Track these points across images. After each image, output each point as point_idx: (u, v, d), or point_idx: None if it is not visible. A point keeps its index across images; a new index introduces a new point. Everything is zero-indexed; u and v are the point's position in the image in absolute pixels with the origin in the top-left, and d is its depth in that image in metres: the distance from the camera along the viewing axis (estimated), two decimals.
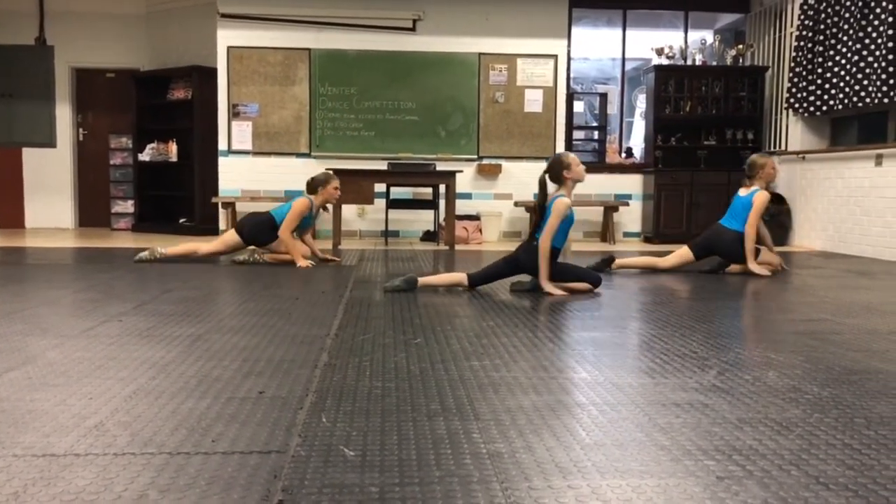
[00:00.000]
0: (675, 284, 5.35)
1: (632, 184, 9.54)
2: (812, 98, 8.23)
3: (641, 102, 10.49)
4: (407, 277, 4.76)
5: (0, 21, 9.92)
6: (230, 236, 6.20)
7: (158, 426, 2.06)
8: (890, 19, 6.98)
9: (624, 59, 9.86)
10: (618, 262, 5.92)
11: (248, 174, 9.12)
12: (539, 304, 4.33)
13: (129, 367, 2.71)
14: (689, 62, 9.42)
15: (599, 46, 11.47)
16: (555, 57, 9.31)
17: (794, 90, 8.51)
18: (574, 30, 9.53)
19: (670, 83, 9.23)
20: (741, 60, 9.35)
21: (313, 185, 6.24)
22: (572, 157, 4.76)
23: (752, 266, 5.72)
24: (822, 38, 8.10)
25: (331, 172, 6.43)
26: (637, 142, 10.38)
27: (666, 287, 5.19)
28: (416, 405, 2.29)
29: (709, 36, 10.05)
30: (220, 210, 9.00)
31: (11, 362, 2.77)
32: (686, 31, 9.80)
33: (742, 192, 5.98)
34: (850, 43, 7.65)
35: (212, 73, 9.13)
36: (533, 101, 9.31)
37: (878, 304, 4.44)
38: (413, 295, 4.59)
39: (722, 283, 5.37)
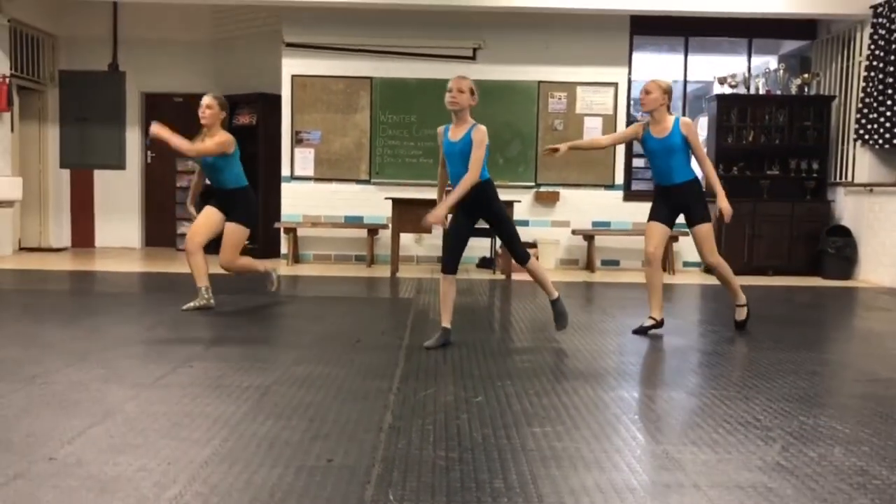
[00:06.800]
0: (731, 332, 5.21)
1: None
2: (882, 130, 8.04)
3: (702, 128, 10.37)
4: (442, 334, 4.42)
5: (76, 48, 10.32)
6: (238, 235, 5.52)
7: (234, 500, 2.15)
8: None
9: (686, 87, 9.77)
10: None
11: (309, 200, 9.29)
12: (595, 353, 4.33)
13: (203, 425, 2.82)
14: (752, 91, 9.29)
15: (660, 71, 11.41)
16: (615, 85, 9.28)
17: (863, 121, 8.32)
18: (634, 55, 9.49)
19: (733, 112, 9.11)
20: (806, 89, 9.18)
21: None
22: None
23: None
24: (892, 69, 7.91)
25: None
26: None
27: (724, 336, 5.11)
28: (479, 482, 2.33)
29: (773, 62, 9.90)
30: (283, 235, 9.18)
31: (93, 416, 2.90)
32: (749, 58, 9.66)
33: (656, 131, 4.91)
34: None
35: (276, 100, 9.35)
36: (592, 129, 9.29)
37: None
38: (472, 342, 4.63)
39: (779, 331, 5.27)
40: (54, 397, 3.16)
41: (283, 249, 9.22)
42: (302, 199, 9.30)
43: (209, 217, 5.56)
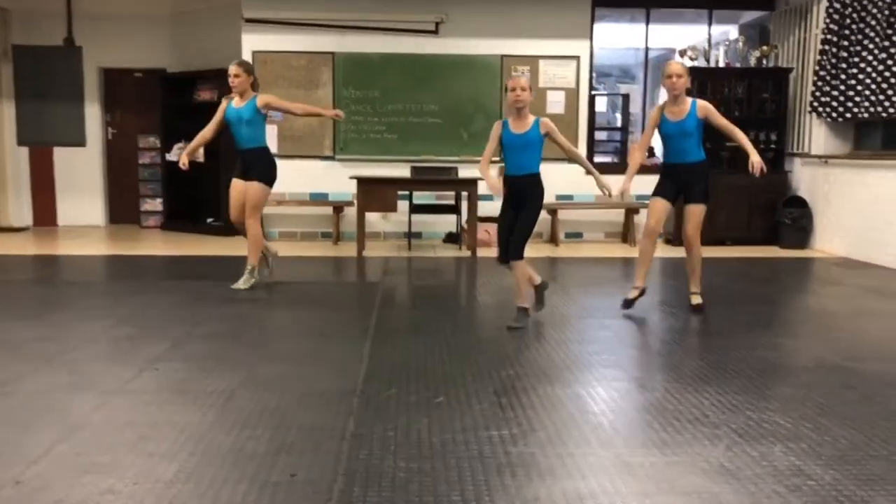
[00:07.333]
0: (688, 314, 5.36)
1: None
2: (835, 104, 8.19)
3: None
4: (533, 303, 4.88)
5: (29, 22, 10.06)
6: (259, 194, 5.89)
7: None
8: None
9: (647, 58, 9.83)
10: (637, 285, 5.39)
11: None
12: (555, 342, 4.45)
13: (169, 437, 2.88)
14: (712, 63, 9.38)
15: (622, 40, 11.45)
16: (577, 58, 9.31)
17: (817, 94, 8.46)
18: (596, 26, 9.50)
19: (693, 85, 9.18)
20: (765, 62, 9.29)
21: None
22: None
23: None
24: (846, 42, 8.04)
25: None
26: (659, 142, 10.36)
27: (681, 317, 5.26)
28: (437, 495, 2.44)
29: (733, 31, 9.97)
30: None
31: (60, 429, 2.95)
32: (710, 27, 9.73)
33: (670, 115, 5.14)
34: (875, 50, 7.59)
35: None
36: (555, 103, 9.34)
37: (893, 341, 4.51)
38: (436, 332, 4.73)
39: (735, 311, 5.43)
40: (20, 408, 3.20)
41: None
42: None
43: (236, 189, 5.93)
